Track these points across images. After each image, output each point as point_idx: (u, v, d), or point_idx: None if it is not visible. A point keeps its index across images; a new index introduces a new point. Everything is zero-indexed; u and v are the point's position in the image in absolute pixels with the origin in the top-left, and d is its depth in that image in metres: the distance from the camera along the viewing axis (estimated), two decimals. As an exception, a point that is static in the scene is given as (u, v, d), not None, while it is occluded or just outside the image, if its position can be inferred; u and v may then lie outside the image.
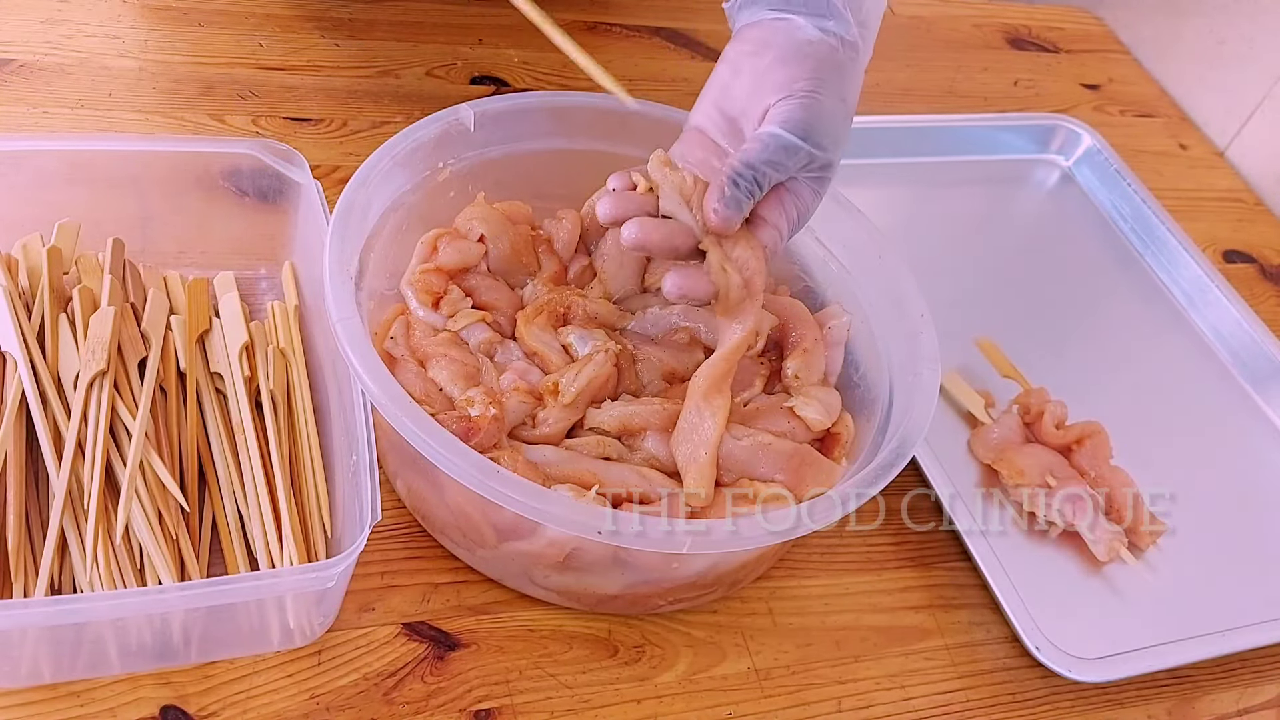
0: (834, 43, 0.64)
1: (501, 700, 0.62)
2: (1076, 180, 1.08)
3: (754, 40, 0.66)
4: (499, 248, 0.72)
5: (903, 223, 0.98)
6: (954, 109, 1.12)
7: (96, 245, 0.68)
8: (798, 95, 0.62)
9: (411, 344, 0.68)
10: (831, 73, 0.64)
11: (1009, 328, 0.90)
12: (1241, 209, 1.14)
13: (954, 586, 0.74)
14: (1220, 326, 0.97)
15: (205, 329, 0.69)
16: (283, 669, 0.61)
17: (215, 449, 0.64)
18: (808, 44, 0.64)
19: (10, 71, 0.85)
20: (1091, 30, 1.30)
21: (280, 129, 0.87)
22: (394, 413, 0.58)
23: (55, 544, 0.57)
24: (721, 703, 0.66)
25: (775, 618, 0.70)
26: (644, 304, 0.73)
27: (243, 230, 0.74)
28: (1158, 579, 0.77)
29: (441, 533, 0.67)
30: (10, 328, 0.62)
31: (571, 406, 0.65)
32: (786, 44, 0.64)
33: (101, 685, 0.58)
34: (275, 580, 0.57)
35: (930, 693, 0.69)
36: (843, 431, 0.70)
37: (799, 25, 0.64)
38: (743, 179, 0.61)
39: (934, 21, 1.23)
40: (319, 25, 0.97)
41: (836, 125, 0.63)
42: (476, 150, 0.74)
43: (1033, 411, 0.82)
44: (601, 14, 1.06)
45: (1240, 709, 0.74)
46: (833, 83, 0.63)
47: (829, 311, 0.75)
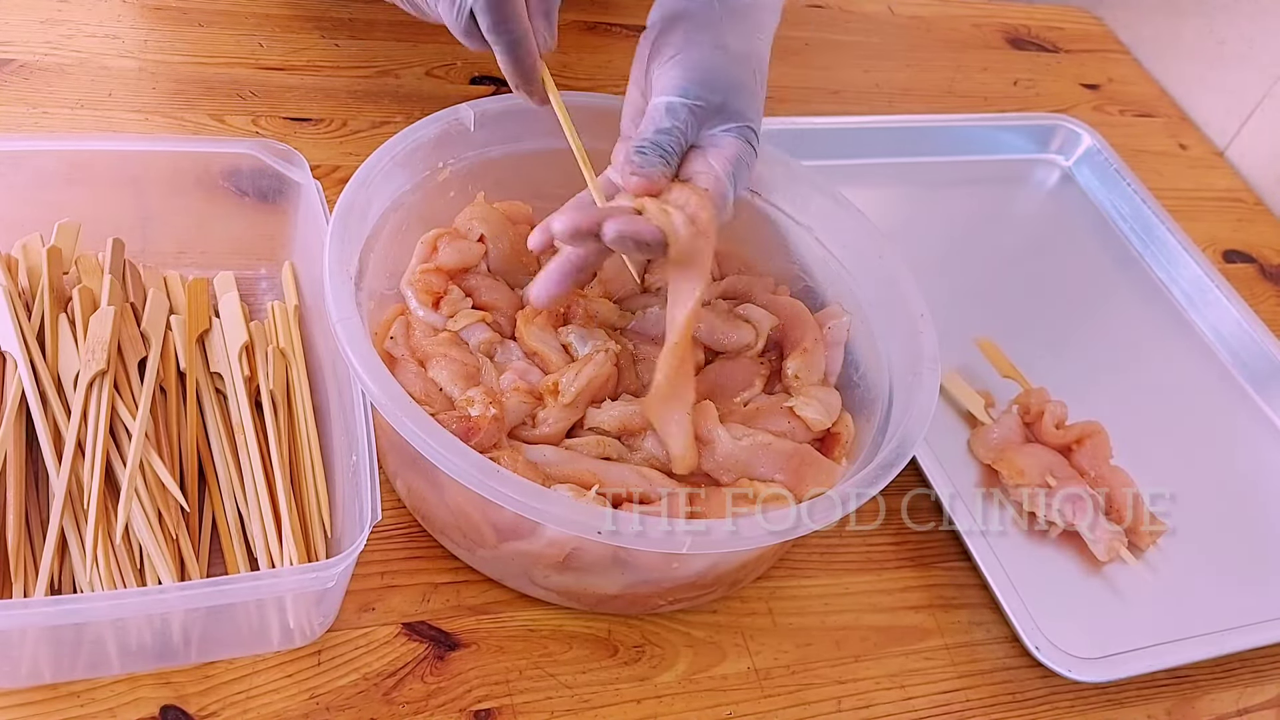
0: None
1: (501, 700, 0.62)
2: (1076, 180, 1.08)
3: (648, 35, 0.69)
4: (499, 248, 0.72)
5: (903, 223, 0.98)
6: (954, 109, 1.12)
7: (96, 245, 0.68)
8: (670, 60, 0.66)
9: (411, 344, 0.68)
10: (700, 29, 0.67)
11: (1009, 328, 0.90)
12: (1241, 209, 1.14)
13: (954, 586, 0.74)
14: (1220, 326, 0.97)
15: (205, 329, 0.69)
16: (283, 669, 0.61)
17: (215, 449, 0.64)
18: (684, 11, 0.67)
19: (10, 71, 0.85)
20: (1091, 30, 1.30)
21: (280, 129, 0.87)
22: (394, 413, 0.58)
23: (55, 544, 0.57)
24: (721, 703, 0.66)
25: (775, 618, 0.70)
26: (644, 304, 0.73)
27: (243, 230, 0.74)
28: (1158, 579, 0.77)
29: (441, 533, 0.67)
30: (10, 328, 0.62)
31: (571, 406, 0.65)
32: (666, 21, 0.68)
33: (101, 685, 0.58)
34: (275, 580, 0.57)
35: (930, 693, 0.69)
36: (843, 431, 0.70)
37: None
38: (646, 147, 0.63)
39: (934, 21, 1.23)
40: (319, 25, 0.97)
41: (719, 73, 0.66)
42: (476, 150, 0.74)
43: (1033, 411, 0.82)
44: (601, 14, 1.06)
45: (1240, 709, 0.74)
46: (703, 37, 0.66)
47: (829, 311, 0.75)
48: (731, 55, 0.67)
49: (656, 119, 0.64)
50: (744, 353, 0.72)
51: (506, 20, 0.64)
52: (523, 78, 0.66)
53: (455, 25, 0.65)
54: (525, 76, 0.66)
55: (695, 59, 0.66)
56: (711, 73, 0.66)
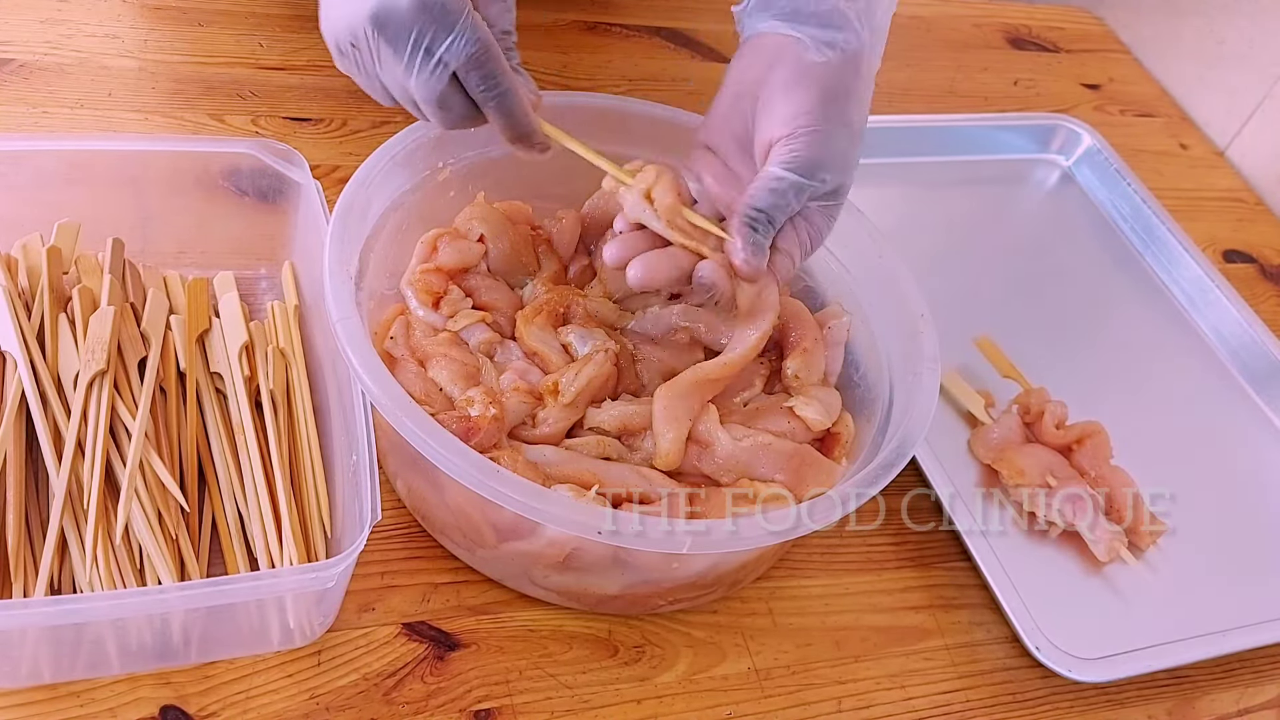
0: (840, 62, 0.64)
1: (501, 700, 0.62)
2: (1076, 180, 1.08)
3: (760, 58, 0.65)
4: (499, 248, 0.72)
5: (903, 223, 0.98)
6: (954, 109, 1.12)
7: (96, 245, 0.68)
8: (801, 134, 0.62)
9: (411, 344, 0.68)
10: (837, 100, 0.63)
11: (1009, 328, 0.90)
12: (1241, 209, 1.14)
13: (954, 586, 0.74)
14: (1220, 326, 0.97)
15: (205, 329, 0.69)
16: (283, 669, 0.61)
17: (215, 449, 0.64)
18: (814, 67, 0.63)
19: (10, 71, 0.85)
20: (1091, 30, 1.30)
21: (280, 129, 0.87)
22: (394, 413, 0.57)
23: (55, 544, 0.57)
24: (721, 703, 0.66)
25: (775, 618, 0.70)
26: (644, 304, 0.73)
27: (242, 230, 0.74)
28: (1158, 579, 0.77)
29: (441, 533, 0.67)
30: (10, 328, 0.62)
31: (571, 406, 0.65)
32: (793, 69, 0.64)
33: (101, 685, 0.58)
34: (275, 580, 0.57)
35: (930, 693, 0.69)
36: (843, 431, 0.70)
37: (805, 46, 0.64)
38: (758, 223, 0.62)
39: (934, 21, 1.23)
40: (319, 25, 0.96)
41: (843, 154, 0.64)
42: (476, 150, 0.74)
43: (1033, 411, 0.82)
44: (601, 14, 1.06)
45: (1240, 709, 0.74)
46: (837, 110, 0.63)
47: (829, 311, 0.75)
48: (853, 133, 0.64)
49: (776, 192, 0.62)
50: (744, 353, 0.72)
51: (496, 75, 0.59)
52: (523, 131, 0.63)
53: (430, 94, 0.60)
54: (526, 129, 0.63)
55: (829, 142, 0.63)
56: (840, 155, 0.63)
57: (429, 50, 0.58)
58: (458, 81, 0.60)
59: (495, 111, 0.61)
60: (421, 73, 0.59)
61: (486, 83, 0.60)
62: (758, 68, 0.65)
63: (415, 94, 0.60)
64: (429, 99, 0.60)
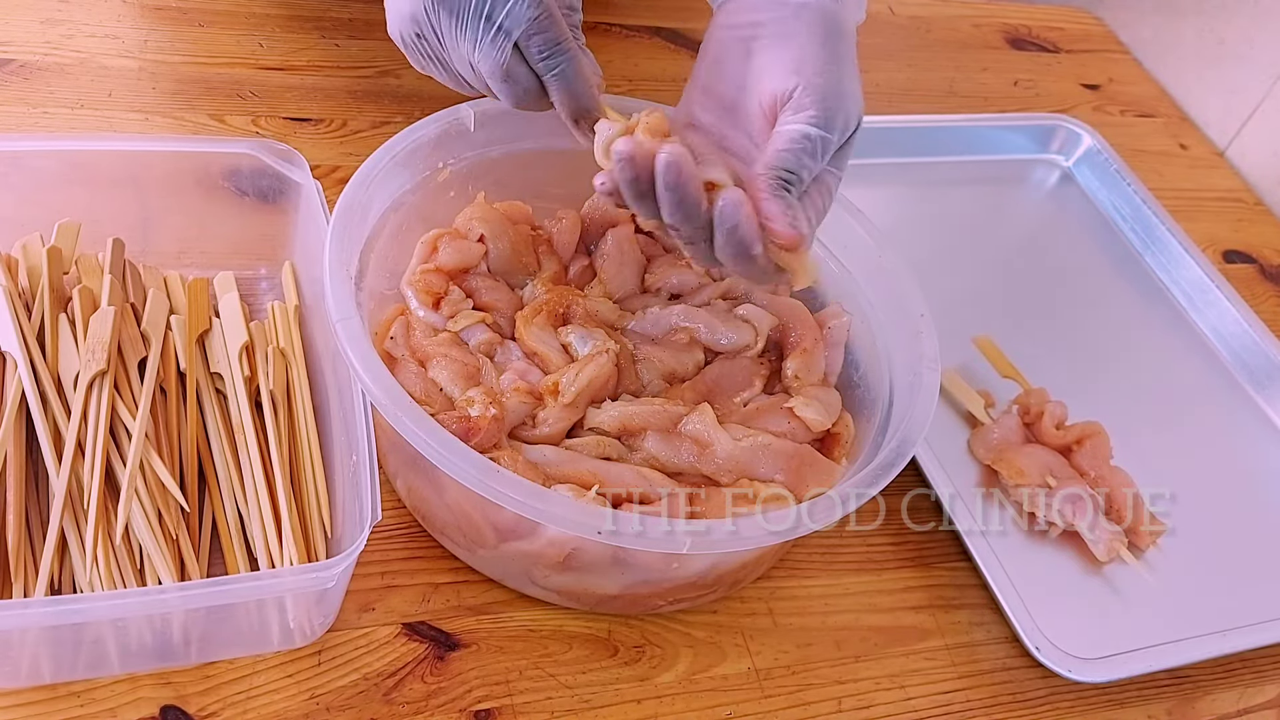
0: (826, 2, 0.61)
1: (501, 700, 0.62)
2: (1076, 180, 1.08)
3: (742, 15, 0.63)
4: (499, 248, 0.72)
5: (903, 223, 0.98)
6: (954, 109, 1.12)
7: (96, 245, 0.68)
8: (813, 85, 0.59)
9: (411, 344, 0.68)
10: (838, 43, 0.60)
11: (1009, 328, 0.90)
12: (1241, 209, 1.14)
13: (954, 586, 0.74)
14: (1220, 326, 0.97)
15: (205, 329, 0.69)
16: (283, 669, 0.61)
17: (215, 449, 0.64)
18: (804, 10, 0.60)
19: (10, 71, 0.85)
20: (1091, 30, 1.30)
21: (280, 129, 0.87)
22: (394, 413, 0.58)
23: (55, 544, 0.57)
24: (721, 703, 0.66)
25: (775, 618, 0.70)
26: (644, 304, 0.73)
27: (243, 230, 0.74)
28: (1158, 579, 0.77)
29: (441, 533, 0.67)
30: (10, 328, 0.62)
31: (571, 406, 0.65)
32: (779, 16, 0.61)
33: (101, 685, 0.58)
34: (275, 580, 0.57)
35: (930, 693, 0.69)
36: (843, 431, 0.70)
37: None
38: (791, 184, 0.58)
39: (934, 21, 1.23)
40: (319, 25, 0.97)
41: (854, 102, 0.60)
42: (476, 150, 0.74)
43: (1033, 411, 0.82)
44: (601, 14, 1.06)
45: (1240, 709, 0.74)
46: (842, 53, 0.60)
47: (829, 311, 0.75)
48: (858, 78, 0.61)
49: (806, 149, 0.58)
50: (743, 353, 0.72)
51: (558, 41, 0.57)
52: (583, 105, 0.60)
53: (494, 65, 0.58)
54: (588, 103, 0.60)
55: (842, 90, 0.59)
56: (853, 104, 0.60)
57: (489, 17, 0.58)
58: (521, 54, 0.59)
59: (556, 82, 0.60)
60: (483, 42, 0.59)
61: (547, 48, 0.59)
62: (741, 22, 0.62)
63: (480, 67, 0.60)
64: (494, 71, 0.60)
